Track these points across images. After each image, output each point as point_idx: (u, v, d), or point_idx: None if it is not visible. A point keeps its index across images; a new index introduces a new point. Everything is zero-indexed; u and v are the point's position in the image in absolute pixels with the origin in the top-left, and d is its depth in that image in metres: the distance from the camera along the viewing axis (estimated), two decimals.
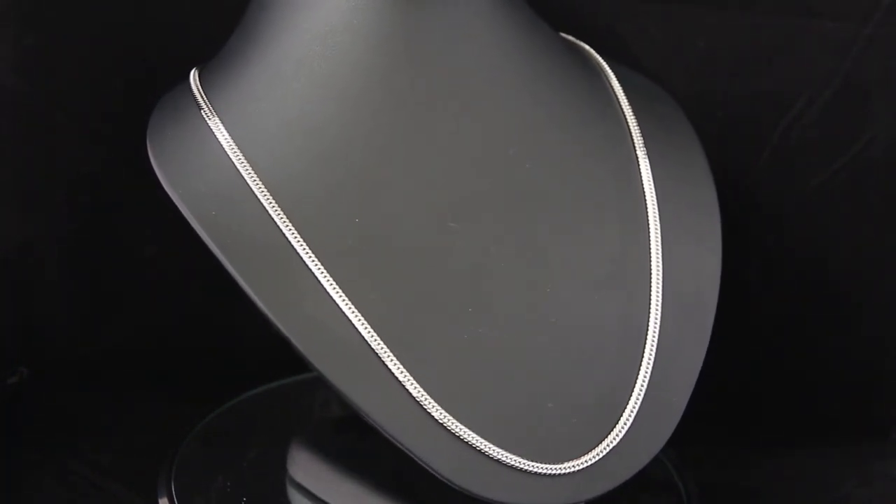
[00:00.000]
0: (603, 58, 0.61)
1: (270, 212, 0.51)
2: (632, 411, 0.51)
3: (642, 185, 0.55)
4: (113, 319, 0.74)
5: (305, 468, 0.61)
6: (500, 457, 0.49)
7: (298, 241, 0.50)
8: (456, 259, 0.51)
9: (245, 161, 0.52)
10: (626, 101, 0.58)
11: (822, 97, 0.67)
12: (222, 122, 0.53)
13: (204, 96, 0.55)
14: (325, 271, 0.50)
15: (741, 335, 0.71)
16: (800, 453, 0.72)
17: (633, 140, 0.57)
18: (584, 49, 0.62)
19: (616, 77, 0.59)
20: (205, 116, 0.54)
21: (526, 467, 0.49)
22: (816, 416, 0.74)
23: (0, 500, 0.63)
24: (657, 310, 0.53)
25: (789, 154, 0.68)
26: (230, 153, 0.52)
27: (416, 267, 0.51)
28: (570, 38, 0.62)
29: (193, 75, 0.56)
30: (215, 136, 0.53)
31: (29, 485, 0.64)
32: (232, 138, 0.53)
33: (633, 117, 0.57)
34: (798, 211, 0.69)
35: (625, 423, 0.51)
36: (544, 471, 0.49)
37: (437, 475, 0.49)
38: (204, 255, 0.51)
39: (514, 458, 0.49)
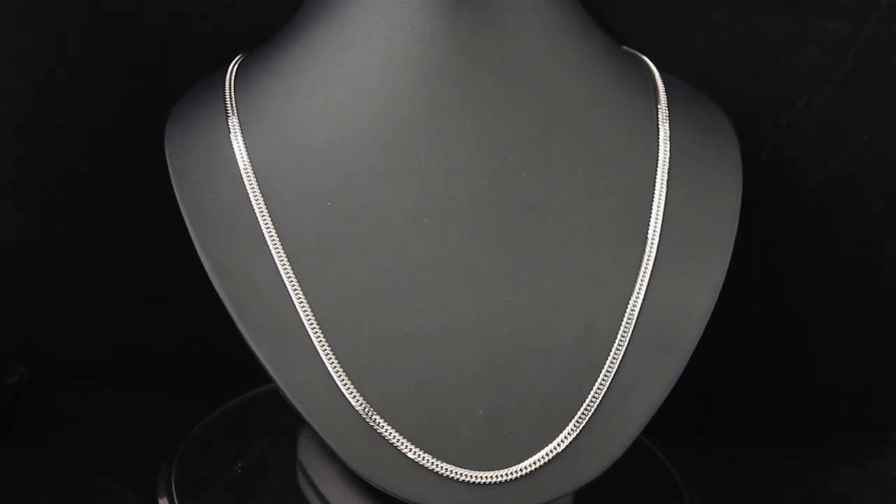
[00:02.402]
0: (663, 75, 0.58)
1: (247, 186, 0.52)
2: (569, 434, 0.49)
3: (651, 211, 0.53)
4: (113, 319, 0.74)
5: (312, 453, 0.60)
6: (414, 456, 0.48)
7: (263, 215, 0.51)
8: (418, 255, 0.51)
9: (241, 141, 0.53)
10: (667, 123, 0.56)
11: (822, 96, 0.67)
12: (238, 104, 0.54)
13: (232, 81, 0.56)
14: (279, 247, 0.50)
15: (740, 335, 0.71)
16: (799, 453, 0.72)
17: (657, 165, 0.54)
18: (643, 64, 0.60)
19: (667, 98, 0.57)
20: (225, 98, 0.55)
21: (439, 470, 0.48)
22: (816, 417, 0.74)
23: (0, 500, 0.63)
24: (624, 339, 0.51)
25: (789, 153, 0.68)
26: (231, 131, 0.53)
27: (374, 256, 0.51)
28: (632, 51, 0.61)
29: (236, 60, 0.58)
30: (226, 116, 0.54)
31: (29, 485, 0.64)
32: (239, 119, 0.54)
33: (666, 142, 0.55)
34: (798, 210, 0.69)
35: (559, 444, 0.49)
36: (459, 476, 0.48)
37: (345, 463, 0.48)
38: None
39: (431, 459, 0.48)
